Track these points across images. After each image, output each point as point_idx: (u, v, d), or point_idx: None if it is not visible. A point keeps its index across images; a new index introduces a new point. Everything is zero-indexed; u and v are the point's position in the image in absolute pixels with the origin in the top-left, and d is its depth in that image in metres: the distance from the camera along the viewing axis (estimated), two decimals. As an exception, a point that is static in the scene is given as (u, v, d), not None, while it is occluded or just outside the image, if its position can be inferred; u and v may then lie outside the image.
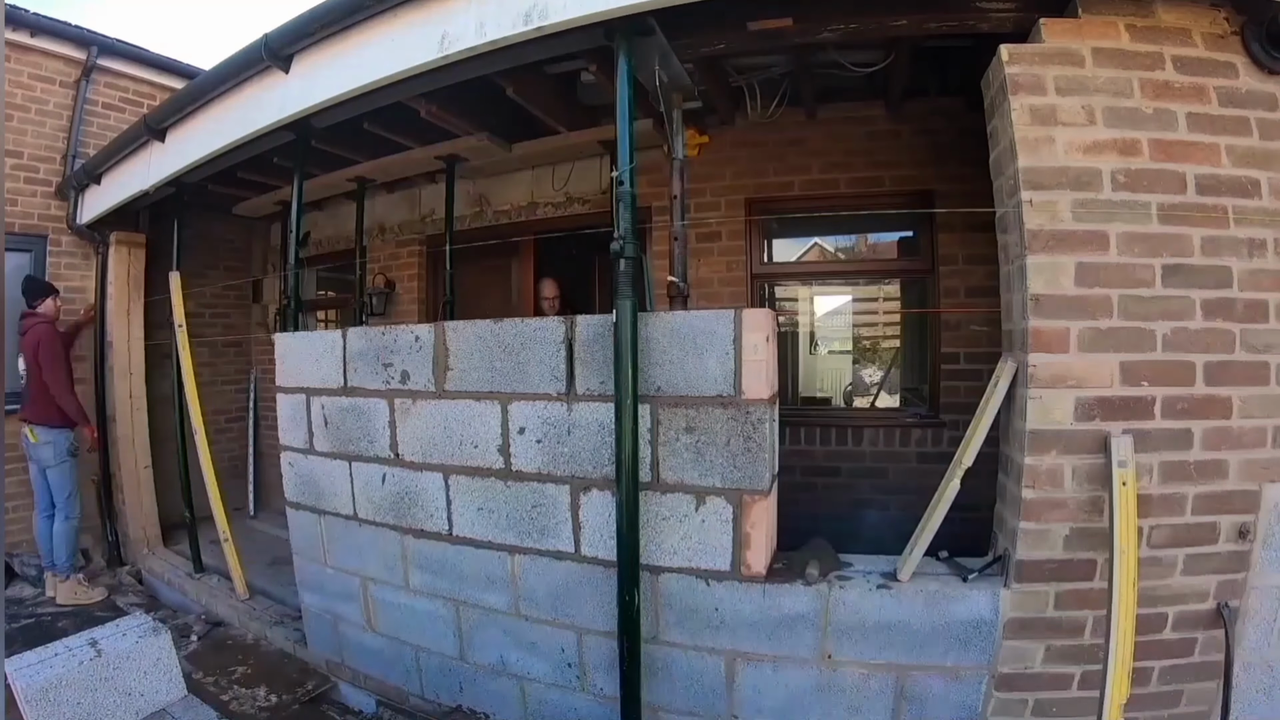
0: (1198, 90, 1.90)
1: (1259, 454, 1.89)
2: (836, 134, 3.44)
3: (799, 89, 3.16)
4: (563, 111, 3.32)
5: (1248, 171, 1.89)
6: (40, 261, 4.63)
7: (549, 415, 2.24)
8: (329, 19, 2.58)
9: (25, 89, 4.51)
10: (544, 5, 2.08)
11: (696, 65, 2.65)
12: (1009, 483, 2.05)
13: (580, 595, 2.25)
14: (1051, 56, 1.91)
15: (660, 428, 2.08)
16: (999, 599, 1.95)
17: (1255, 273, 1.88)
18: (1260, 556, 1.92)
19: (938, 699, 2.00)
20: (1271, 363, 1.89)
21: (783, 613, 2.04)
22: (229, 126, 3.17)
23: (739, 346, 1.98)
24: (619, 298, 2.00)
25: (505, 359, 2.30)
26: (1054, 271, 1.88)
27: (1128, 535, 1.78)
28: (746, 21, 2.22)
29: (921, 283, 3.74)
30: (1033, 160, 1.89)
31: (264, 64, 2.87)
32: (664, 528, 2.11)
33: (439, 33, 2.32)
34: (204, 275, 5.04)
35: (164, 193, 3.85)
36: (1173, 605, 1.93)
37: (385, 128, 3.36)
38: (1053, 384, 1.88)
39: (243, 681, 3.00)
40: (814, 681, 2.05)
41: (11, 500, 4.38)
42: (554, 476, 2.25)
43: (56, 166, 4.69)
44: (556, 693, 2.36)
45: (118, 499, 4.73)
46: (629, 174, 2.02)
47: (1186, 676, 1.97)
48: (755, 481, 2.00)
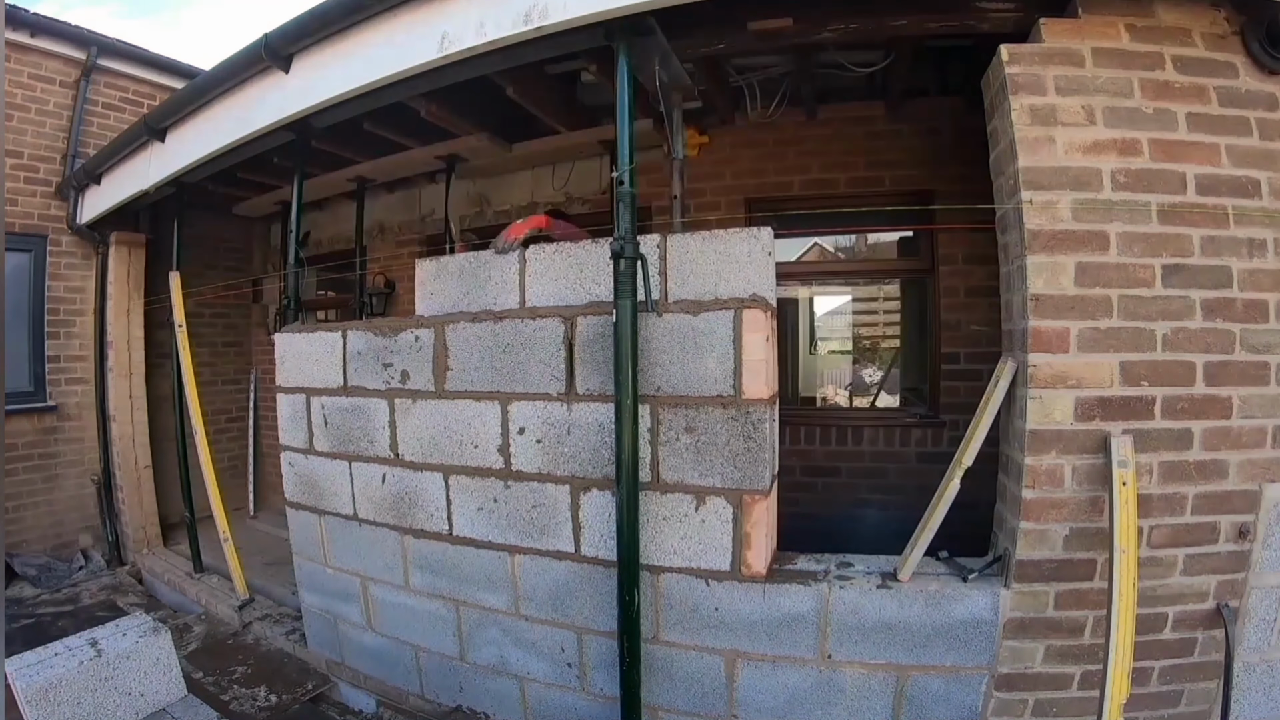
0: (1198, 90, 1.90)
1: (1259, 454, 1.90)
2: (836, 134, 3.44)
3: (799, 89, 3.16)
4: (563, 111, 3.32)
5: (1248, 171, 1.89)
6: (40, 261, 4.63)
7: (549, 415, 2.24)
8: (329, 19, 2.58)
9: (25, 89, 4.51)
10: (544, 5, 2.08)
11: (696, 65, 2.65)
12: (1009, 482, 2.05)
13: (580, 595, 2.25)
14: (1051, 56, 1.91)
15: (660, 427, 2.08)
16: (999, 599, 1.95)
17: (1255, 273, 1.88)
18: (1260, 556, 1.92)
19: (937, 699, 2.00)
20: (1271, 363, 1.89)
21: (783, 613, 2.04)
22: (229, 126, 3.17)
23: (739, 346, 1.98)
24: (619, 297, 2.00)
25: (505, 358, 2.30)
26: (1054, 271, 1.88)
27: (1128, 535, 1.78)
28: (746, 21, 2.23)
29: (921, 283, 3.74)
30: (1033, 160, 1.89)
31: (264, 64, 2.87)
32: (664, 528, 2.11)
33: (439, 32, 2.32)
34: (204, 275, 5.03)
35: (164, 193, 3.85)
36: (1173, 605, 1.93)
37: (385, 128, 3.36)
38: (1053, 384, 1.88)
39: (243, 681, 3.00)
40: (814, 681, 2.06)
41: (11, 500, 4.38)
42: (554, 476, 2.25)
43: (56, 166, 4.69)
44: (556, 692, 2.36)
45: (118, 499, 4.73)
46: (629, 174, 2.02)
47: (1186, 676, 1.97)
48: (755, 481, 2.00)
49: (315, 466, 2.84)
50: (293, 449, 2.93)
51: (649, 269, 2.03)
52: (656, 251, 2.14)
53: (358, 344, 2.65)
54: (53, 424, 4.67)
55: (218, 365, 5.47)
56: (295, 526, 3.00)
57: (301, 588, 3.06)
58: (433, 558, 2.53)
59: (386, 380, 2.57)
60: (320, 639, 3.03)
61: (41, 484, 4.61)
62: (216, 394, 5.32)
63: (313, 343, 2.81)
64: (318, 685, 2.96)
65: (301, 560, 3.01)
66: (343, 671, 2.94)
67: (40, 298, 4.64)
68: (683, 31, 2.21)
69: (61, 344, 4.73)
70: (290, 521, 3.03)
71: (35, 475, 4.58)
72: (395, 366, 2.54)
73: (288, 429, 2.93)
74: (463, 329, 2.38)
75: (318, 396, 2.79)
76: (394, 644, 2.72)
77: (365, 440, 2.65)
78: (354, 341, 2.66)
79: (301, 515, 2.95)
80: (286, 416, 2.93)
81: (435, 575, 2.54)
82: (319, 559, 2.90)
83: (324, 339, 2.77)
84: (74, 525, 4.75)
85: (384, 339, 2.57)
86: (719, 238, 2.11)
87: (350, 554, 2.78)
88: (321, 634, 3.02)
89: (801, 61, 2.89)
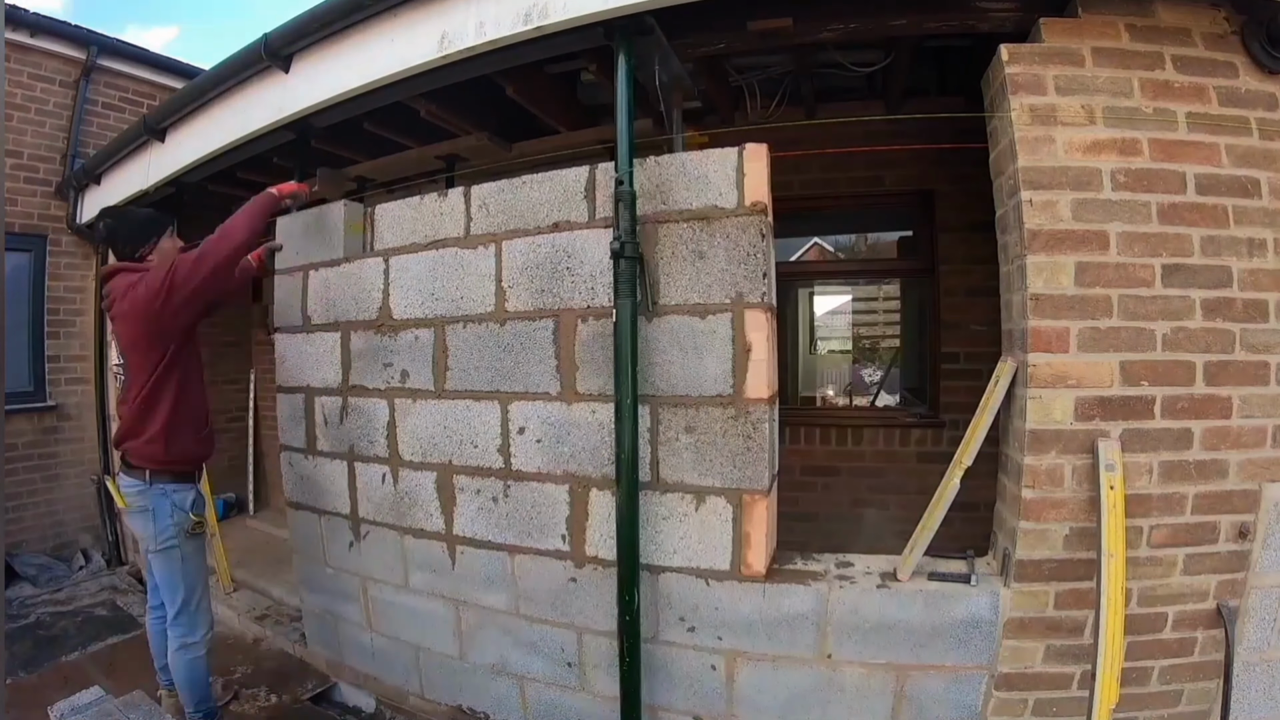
0: (1197, 90, 1.90)
1: (1259, 453, 1.90)
2: (836, 133, 3.44)
3: (799, 88, 3.16)
4: (563, 111, 3.32)
5: (1248, 171, 1.89)
6: (40, 261, 4.63)
7: (549, 415, 2.24)
8: (329, 18, 2.58)
9: (25, 89, 4.51)
10: (544, 5, 2.08)
11: (696, 65, 2.65)
12: (1008, 482, 2.06)
13: (580, 595, 2.25)
14: (1051, 56, 1.91)
15: (660, 427, 2.08)
16: (998, 598, 1.95)
17: (1255, 272, 1.88)
18: (1260, 556, 1.92)
19: (937, 698, 2.00)
20: (1271, 362, 1.89)
21: (783, 612, 2.04)
22: (229, 126, 3.17)
23: (738, 346, 1.98)
24: (619, 297, 2.00)
25: (505, 358, 2.30)
26: (1054, 271, 1.88)
27: (1116, 539, 1.78)
28: (746, 21, 2.22)
29: (921, 282, 3.74)
30: (1032, 160, 1.89)
31: (264, 63, 2.86)
32: (664, 527, 2.11)
33: (439, 32, 2.32)
34: (204, 275, 5.03)
35: (164, 193, 3.85)
36: (1172, 605, 1.93)
37: (385, 128, 3.36)
38: (1052, 384, 1.88)
39: (243, 681, 3.00)
40: (814, 681, 2.06)
41: (11, 500, 4.39)
42: (554, 476, 2.25)
43: (56, 166, 4.69)
44: (556, 692, 2.36)
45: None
46: (629, 174, 2.02)
47: (1186, 676, 1.97)
48: (755, 481, 2.00)
49: (315, 466, 2.84)
50: (292, 449, 2.93)
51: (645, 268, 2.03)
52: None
53: (358, 343, 2.65)
54: (53, 424, 4.68)
55: (218, 365, 5.45)
56: (295, 526, 3.00)
57: (301, 587, 3.06)
58: (432, 557, 2.53)
59: (387, 380, 2.57)
60: (320, 639, 3.03)
61: (41, 484, 4.62)
62: (216, 393, 5.28)
63: (313, 342, 2.81)
64: (318, 685, 2.96)
65: (301, 560, 3.01)
66: (343, 671, 2.94)
67: (40, 298, 4.64)
68: (683, 31, 2.21)
69: (61, 344, 4.73)
70: (290, 521, 3.03)
71: (35, 475, 4.58)
72: (395, 366, 2.54)
73: (287, 429, 2.93)
74: (463, 328, 2.39)
75: (318, 396, 2.79)
76: (394, 644, 2.72)
77: (365, 440, 2.65)
78: (354, 341, 2.66)
79: (301, 515, 2.95)
80: (286, 416, 2.93)
81: (435, 575, 2.54)
82: (319, 559, 2.90)
83: (324, 338, 2.77)
84: (74, 525, 4.76)
85: (385, 338, 2.57)
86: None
87: (350, 553, 2.78)
88: (321, 634, 3.02)
89: (801, 61, 2.89)
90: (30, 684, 3.00)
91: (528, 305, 2.26)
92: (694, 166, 2.03)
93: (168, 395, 2.26)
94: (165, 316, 2.19)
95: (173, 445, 2.27)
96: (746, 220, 1.98)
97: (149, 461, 2.26)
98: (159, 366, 2.24)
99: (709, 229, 2.01)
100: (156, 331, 2.22)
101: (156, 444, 2.25)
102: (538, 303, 2.24)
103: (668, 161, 2.08)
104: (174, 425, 2.27)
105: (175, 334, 2.25)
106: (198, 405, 2.39)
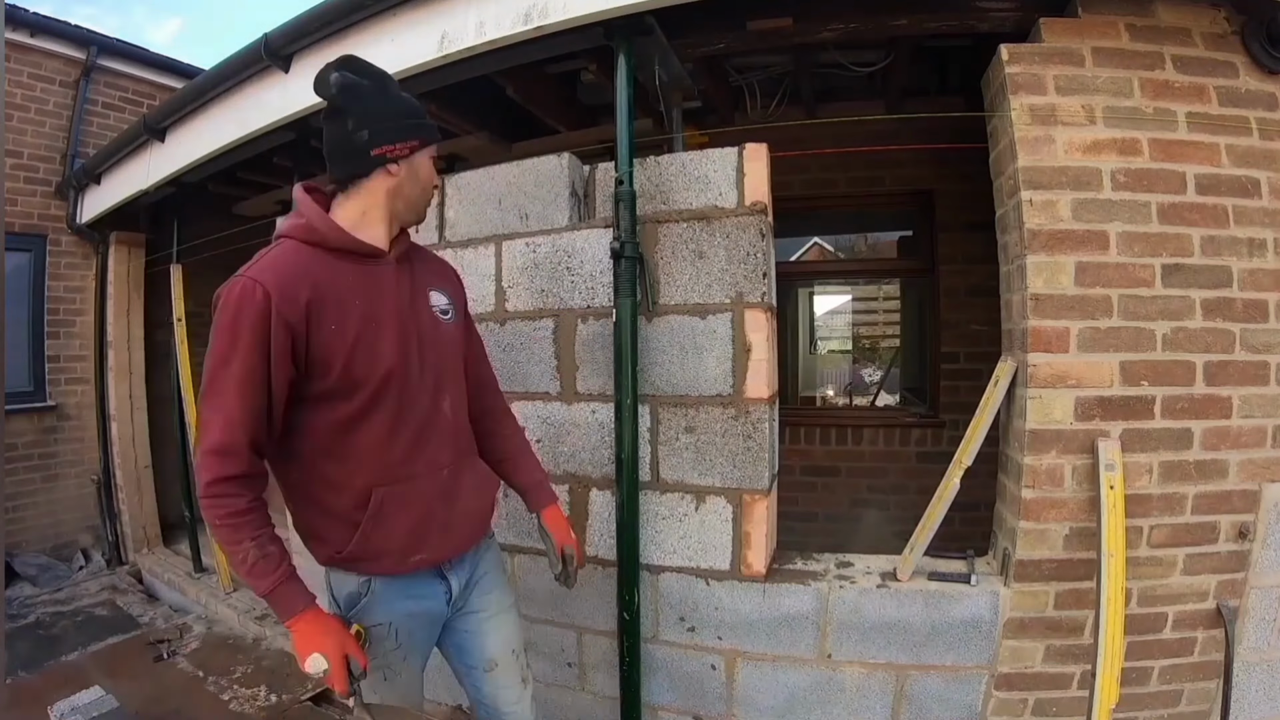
0: (1198, 90, 1.90)
1: (1259, 453, 1.90)
2: (836, 133, 3.44)
3: (799, 88, 3.16)
4: (563, 111, 3.32)
5: (1248, 171, 1.89)
6: (40, 261, 4.63)
7: (549, 414, 2.24)
8: (329, 18, 2.58)
9: (25, 89, 4.50)
10: (544, 4, 2.08)
11: (696, 65, 2.65)
12: (1008, 482, 2.06)
13: (580, 594, 2.25)
14: (1051, 56, 1.91)
15: (660, 427, 2.08)
16: (998, 598, 1.95)
17: (1255, 272, 1.88)
18: (1260, 556, 1.92)
19: (937, 698, 2.00)
20: (1271, 362, 1.89)
21: (783, 612, 2.04)
22: (229, 126, 3.17)
23: (738, 346, 1.98)
24: (619, 297, 2.00)
25: (504, 358, 2.30)
26: (1054, 271, 1.88)
27: (1116, 539, 1.78)
28: (746, 21, 2.22)
29: (921, 282, 3.74)
30: (1033, 160, 1.89)
31: (264, 63, 2.86)
32: (664, 527, 2.11)
33: (439, 32, 2.32)
34: (204, 274, 5.03)
35: (164, 192, 3.85)
36: (1172, 605, 1.93)
37: (385, 127, 3.35)
38: (1052, 383, 1.88)
39: (243, 681, 3.00)
40: (814, 681, 2.06)
41: (11, 500, 4.39)
42: (554, 476, 2.24)
43: (56, 166, 4.69)
44: (556, 692, 2.36)
45: (118, 499, 4.73)
46: (629, 174, 2.02)
47: (1186, 676, 1.97)
48: (755, 481, 2.00)
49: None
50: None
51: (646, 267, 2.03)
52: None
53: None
54: (53, 424, 4.67)
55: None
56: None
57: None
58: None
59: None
60: (320, 639, 3.02)
61: (41, 484, 4.61)
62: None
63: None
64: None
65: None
66: (343, 671, 2.94)
67: (40, 298, 4.63)
68: (683, 31, 2.21)
69: (61, 344, 4.72)
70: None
71: (35, 475, 4.58)
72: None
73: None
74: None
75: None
76: (394, 644, 2.71)
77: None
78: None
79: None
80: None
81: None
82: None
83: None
84: (74, 525, 4.75)
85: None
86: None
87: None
88: (321, 634, 3.01)
89: (801, 61, 2.89)
90: (30, 684, 3.00)
91: (528, 305, 2.26)
92: (694, 166, 2.03)
93: None
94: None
95: None
96: (746, 220, 1.98)
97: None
98: None
99: (709, 229, 2.01)
100: None
101: None
102: (538, 303, 2.24)
103: (668, 161, 2.08)
104: None
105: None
106: None
